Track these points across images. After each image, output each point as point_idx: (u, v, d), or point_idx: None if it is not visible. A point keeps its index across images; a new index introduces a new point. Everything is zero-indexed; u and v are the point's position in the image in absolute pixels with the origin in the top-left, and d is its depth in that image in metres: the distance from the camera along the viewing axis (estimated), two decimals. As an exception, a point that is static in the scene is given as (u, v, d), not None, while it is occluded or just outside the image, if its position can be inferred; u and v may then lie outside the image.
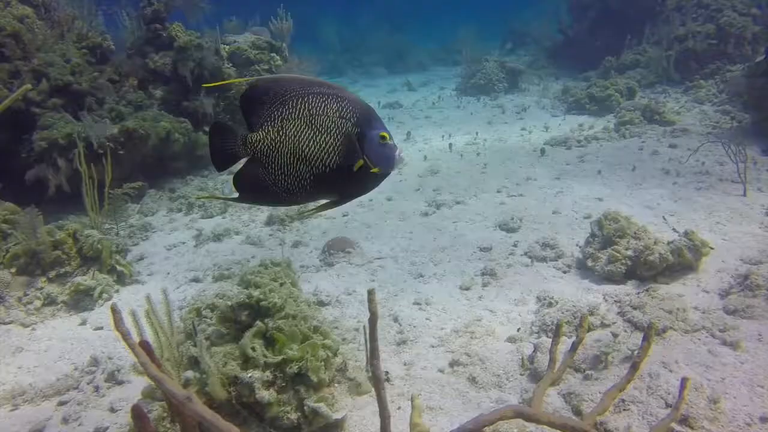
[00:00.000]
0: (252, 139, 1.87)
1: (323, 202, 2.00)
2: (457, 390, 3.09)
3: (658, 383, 2.89)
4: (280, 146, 1.85)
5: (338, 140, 1.83)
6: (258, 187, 1.90)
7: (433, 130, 9.65)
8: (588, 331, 3.41)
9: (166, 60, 8.07)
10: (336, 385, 3.12)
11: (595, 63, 12.27)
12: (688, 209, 5.26)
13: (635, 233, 4.05)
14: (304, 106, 1.83)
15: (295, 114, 1.83)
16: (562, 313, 3.51)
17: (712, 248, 4.31)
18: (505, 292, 4.11)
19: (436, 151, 8.22)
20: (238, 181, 1.92)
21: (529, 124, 9.32)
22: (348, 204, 2.09)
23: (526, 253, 4.66)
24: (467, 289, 4.22)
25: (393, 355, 3.49)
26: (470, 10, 28.41)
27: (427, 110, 11.55)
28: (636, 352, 2.20)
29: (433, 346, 3.54)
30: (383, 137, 1.86)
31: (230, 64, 8.44)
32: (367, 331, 2.05)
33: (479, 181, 6.64)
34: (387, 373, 3.23)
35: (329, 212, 6.20)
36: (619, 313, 3.51)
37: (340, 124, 1.83)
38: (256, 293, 2.99)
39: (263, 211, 6.25)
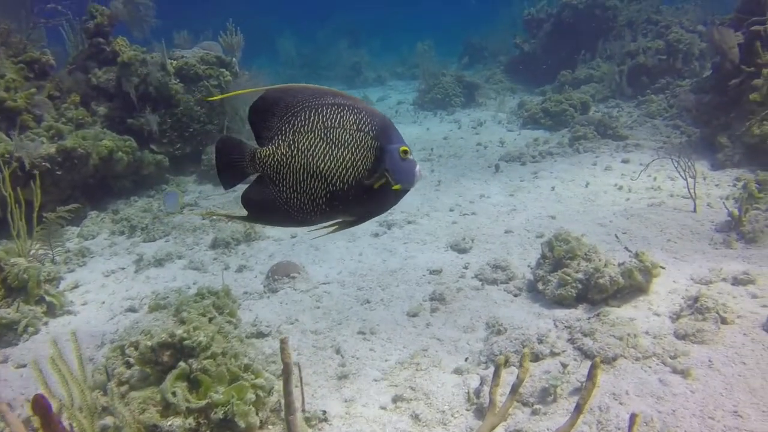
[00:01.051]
0: (261, 155, 1.71)
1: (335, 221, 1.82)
2: (399, 430, 2.90)
3: (608, 417, 2.76)
4: (291, 162, 1.69)
5: (357, 155, 1.69)
6: (268, 206, 1.74)
7: (389, 146, 9.50)
8: (537, 360, 3.27)
9: (110, 75, 7.77)
10: (270, 427, 2.90)
11: (551, 77, 12.35)
12: (640, 226, 5.21)
13: (586, 254, 3.95)
14: (318, 118, 1.69)
15: (308, 127, 1.69)
16: (511, 341, 3.36)
17: (663, 267, 4.24)
18: (454, 319, 3.95)
19: (391, 168, 8.06)
20: (247, 199, 1.76)
21: (485, 139, 9.26)
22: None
23: (476, 276, 4.52)
24: (415, 315, 4.05)
25: (333, 390, 3.28)
26: (430, 25, 28.59)
27: (384, 125, 11.41)
28: (581, 392, 2.04)
29: (376, 380, 3.35)
30: (405, 152, 1.73)
31: (177, 80, 8.17)
32: (282, 384, 1.85)
33: (432, 199, 6.50)
34: (325, 412, 3.02)
35: (277, 233, 5.99)
36: (569, 340, 3.38)
37: (359, 138, 1.70)
38: (179, 332, 2.76)
39: (209, 234, 6.00)
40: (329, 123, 1.69)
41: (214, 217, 6.42)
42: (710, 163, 6.93)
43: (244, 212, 1.78)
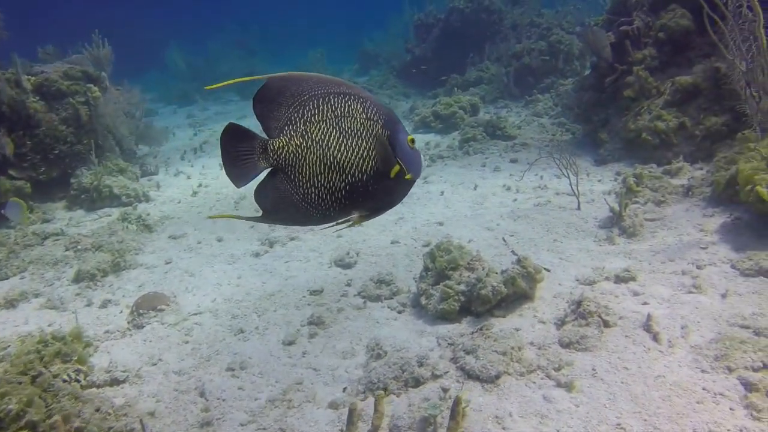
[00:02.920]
0: (274, 146, 1.63)
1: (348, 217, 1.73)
2: (262, 485, 2.54)
3: (490, 444, 2.52)
4: (307, 153, 1.62)
5: (371, 144, 1.64)
6: (285, 204, 1.65)
7: (279, 157, 9.10)
8: (418, 386, 3.00)
9: (-49, 95, 6.92)
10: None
11: (443, 81, 12.38)
12: (527, 228, 5.11)
13: (469, 263, 3.75)
14: (328, 107, 1.63)
15: (319, 116, 1.63)
16: (389, 366, 3.08)
17: (548, 270, 4.12)
18: (333, 343, 3.63)
19: (279, 181, 7.68)
20: (262, 197, 1.66)
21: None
22: (173, 250, 1.51)
23: (359, 293, 4.23)
24: (291, 343, 3.69)
25: (192, 443, 2.87)
26: (324, 32, 28.40)
27: (276, 136, 10.99)
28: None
29: (242, 425, 2.96)
30: (412, 141, 1.70)
31: (37, 97, 7.42)
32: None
33: (319, 211, 6.17)
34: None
35: (150, 261, 5.45)
36: (452, 359, 3.15)
37: (369, 126, 1.65)
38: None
39: (72, 266, 5.36)
40: (339, 112, 1.63)
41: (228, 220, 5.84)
42: (593, 159, 7.03)
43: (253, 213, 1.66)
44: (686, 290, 3.69)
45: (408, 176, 1.70)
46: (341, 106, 1.64)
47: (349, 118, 1.64)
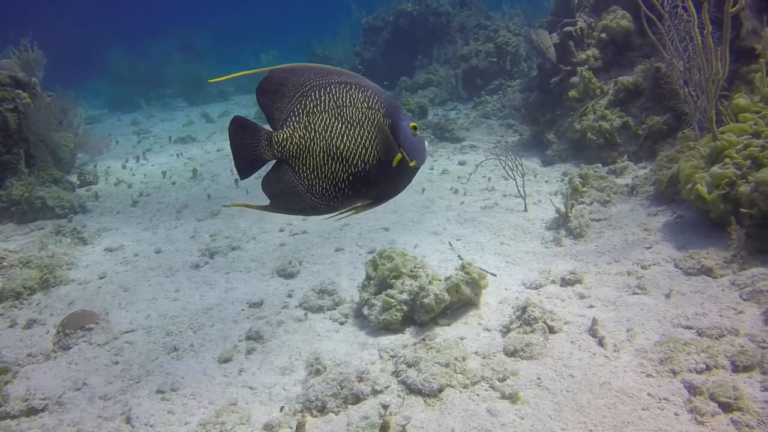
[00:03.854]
0: (278, 138, 1.65)
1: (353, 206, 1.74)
2: None
3: (431, 464, 2.39)
4: (311, 144, 1.64)
5: (372, 133, 1.65)
6: (290, 195, 1.68)
7: (223, 164, 8.82)
8: (358, 402, 2.85)
9: None
10: None
11: (393, 83, 12.29)
12: (474, 231, 5.03)
13: (412, 271, 3.62)
14: (329, 96, 1.64)
15: (321, 106, 1.64)
16: (328, 383, 2.92)
17: (494, 275, 4.04)
18: (272, 359, 3.44)
19: (223, 189, 7.43)
20: (268, 187, 1.69)
21: (325, 150, 8.86)
22: (108, 263, 1.33)
23: (301, 304, 4.05)
24: (227, 360, 3.49)
25: (112, 477, 2.65)
26: (275, 35, 28.05)
27: (222, 143, 10.70)
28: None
29: (169, 453, 2.77)
30: (414, 127, 1.70)
31: (-42, 105, 6.98)
32: None
33: (263, 218, 5.97)
34: None
35: (83, 276, 5.15)
36: (393, 372, 3.01)
37: (371, 115, 1.65)
38: None
39: (-5, 284, 5.02)
40: (340, 102, 1.64)
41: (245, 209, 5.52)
42: (541, 160, 7.03)
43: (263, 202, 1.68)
44: (631, 291, 3.65)
45: (412, 163, 1.70)
46: (343, 95, 1.64)
47: (351, 108, 1.64)
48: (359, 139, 1.65)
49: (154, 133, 13.01)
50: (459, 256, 4.46)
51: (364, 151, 1.65)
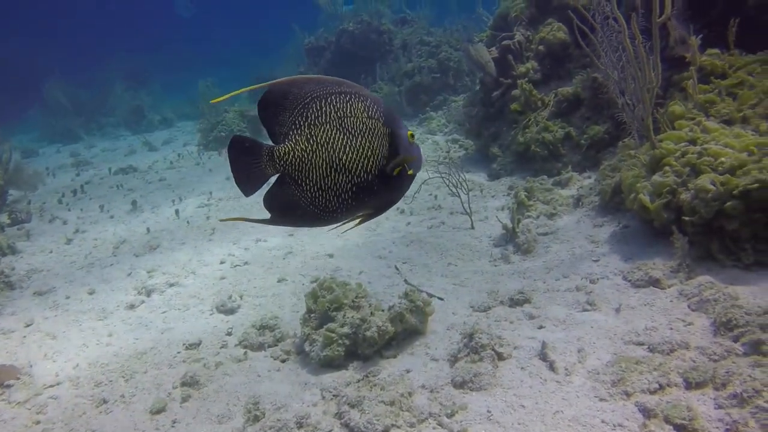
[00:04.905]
0: (280, 152, 1.64)
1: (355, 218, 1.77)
2: None
3: None
4: (313, 157, 1.63)
5: (374, 143, 1.65)
6: (292, 208, 1.67)
7: (165, 194, 8.49)
8: (298, 451, 2.65)
9: None
10: None
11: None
12: (420, 253, 4.89)
13: (354, 301, 3.44)
14: (330, 107, 1.64)
15: (322, 118, 1.64)
16: (265, 432, 2.71)
17: (441, 299, 3.90)
18: (208, 407, 3.20)
19: (163, 221, 7.12)
20: (270, 203, 1.68)
21: (270, 174, 8.64)
22: (37, 309, 1.11)
23: (241, 342, 3.82)
24: (159, 411, 3.23)
25: None
26: (219, 58, 27.65)
27: (164, 172, 10.35)
28: None
29: None
30: (412, 135, 1.72)
31: None
32: None
33: (203, 250, 5.70)
34: None
35: (6, 325, 4.78)
36: (336, 414, 2.81)
37: (371, 125, 1.66)
38: None
39: None
40: (341, 113, 1.63)
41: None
42: (487, 174, 6.97)
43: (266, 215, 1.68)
44: (581, 308, 3.56)
45: (410, 171, 1.71)
46: (343, 106, 1.64)
47: (352, 118, 1.64)
48: (361, 150, 1.64)
49: (94, 164, 12.52)
50: (405, 280, 4.31)
51: (366, 161, 1.65)
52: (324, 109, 1.64)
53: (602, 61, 4.64)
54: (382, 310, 3.33)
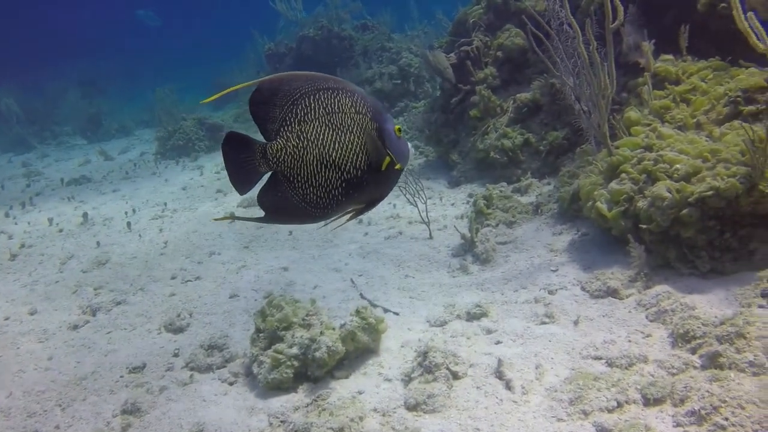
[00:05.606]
0: (272, 149, 1.65)
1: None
2: None
3: None
4: (304, 154, 1.64)
5: (362, 138, 1.65)
6: (285, 205, 1.67)
7: (119, 206, 8.19)
8: (241, 485, 2.49)
9: None
10: None
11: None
12: (377, 264, 4.76)
13: (304, 320, 3.29)
14: (318, 104, 1.64)
15: (311, 114, 1.64)
16: (206, 466, 2.54)
17: (396, 314, 3.77)
18: (149, 437, 3.02)
19: (115, 234, 6.84)
20: (262, 201, 1.69)
21: (227, 184, 8.42)
22: None
23: (188, 364, 3.62)
24: (96, 444, 3.04)
25: None
26: (178, 65, 27.19)
27: (119, 182, 10.02)
28: None
29: None
30: (399, 130, 1.73)
31: None
32: None
33: (154, 266, 5.47)
34: None
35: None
36: (283, 442, 2.66)
37: (359, 120, 1.66)
38: None
39: None
40: (329, 108, 1.64)
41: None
42: (447, 181, 6.89)
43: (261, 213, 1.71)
44: (539, 321, 3.47)
45: (398, 166, 1.71)
46: (332, 102, 1.64)
47: (340, 114, 1.65)
48: (350, 146, 1.65)
49: (46, 175, 12.08)
50: (361, 294, 4.17)
51: (355, 157, 1.66)
52: (313, 105, 1.64)
53: (558, 68, 4.59)
54: (333, 329, 3.19)
